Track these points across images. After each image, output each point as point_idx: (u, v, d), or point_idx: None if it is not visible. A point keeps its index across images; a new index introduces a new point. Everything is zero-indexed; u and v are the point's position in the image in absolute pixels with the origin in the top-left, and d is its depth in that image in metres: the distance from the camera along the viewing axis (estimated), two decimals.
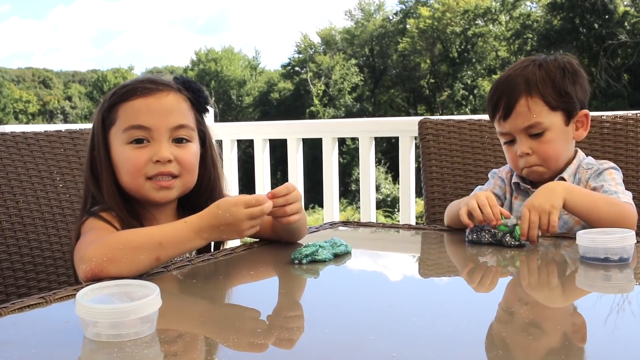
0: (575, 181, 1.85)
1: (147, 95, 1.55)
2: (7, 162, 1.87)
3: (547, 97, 1.79)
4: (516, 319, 1.11)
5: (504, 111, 1.82)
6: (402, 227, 1.98)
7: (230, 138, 4.03)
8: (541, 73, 1.80)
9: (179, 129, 1.56)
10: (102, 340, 0.98)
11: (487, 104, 1.91)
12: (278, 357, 0.94)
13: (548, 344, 0.98)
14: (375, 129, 3.73)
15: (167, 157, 1.53)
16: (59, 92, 52.09)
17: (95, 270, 1.32)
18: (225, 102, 40.88)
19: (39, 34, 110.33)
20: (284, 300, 1.28)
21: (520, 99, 1.80)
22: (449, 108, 34.38)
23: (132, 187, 1.56)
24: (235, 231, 1.39)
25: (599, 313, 1.15)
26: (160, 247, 1.36)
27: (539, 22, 33.00)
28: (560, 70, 1.82)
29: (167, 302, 1.06)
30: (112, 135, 1.57)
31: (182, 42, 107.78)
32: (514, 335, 1.02)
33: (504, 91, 1.83)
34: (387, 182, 27.13)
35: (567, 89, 1.81)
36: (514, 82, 1.82)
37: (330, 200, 3.77)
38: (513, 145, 1.86)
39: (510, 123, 1.82)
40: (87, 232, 1.49)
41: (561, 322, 1.10)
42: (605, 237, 1.39)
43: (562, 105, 1.81)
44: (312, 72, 38.32)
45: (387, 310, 1.16)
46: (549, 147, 1.81)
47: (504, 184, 1.97)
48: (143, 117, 1.53)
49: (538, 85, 1.79)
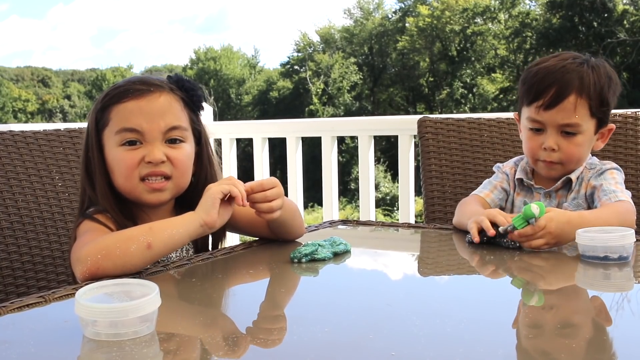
0: (579, 181, 1.84)
1: (139, 97, 1.55)
2: (6, 161, 1.87)
3: (592, 103, 1.77)
4: (519, 316, 1.11)
5: (550, 100, 1.77)
6: (401, 226, 1.98)
7: (230, 137, 4.03)
8: (594, 77, 1.77)
9: (172, 130, 1.56)
10: (101, 339, 0.98)
11: (527, 86, 1.82)
12: (277, 356, 0.94)
13: (545, 343, 0.98)
14: (375, 128, 3.73)
15: (159, 159, 1.53)
16: (58, 91, 52.06)
17: (91, 268, 1.33)
18: (224, 101, 40.88)
19: (38, 33, 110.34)
20: (283, 299, 1.28)
21: (571, 96, 1.76)
22: (448, 106, 34.38)
23: (126, 189, 1.56)
24: (206, 191, 1.43)
25: (599, 311, 1.15)
26: (150, 231, 1.38)
27: (538, 20, 32.98)
28: (607, 78, 1.80)
29: (166, 301, 1.06)
30: (106, 136, 1.57)
31: (181, 40, 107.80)
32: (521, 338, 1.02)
33: (557, 81, 1.77)
34: (387, 180, 27.12)
35: (609, 99, 1.80)
36: (569, 77, 1.77)
37: (329, 198, 3.77)
38: (539, 135, 1.82)
39: (550, 114, 1.78)
40: (83, 234, 1.50)
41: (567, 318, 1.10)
42: (604, 236, 1.39)
43: (600, 115, 1.80)
44: (311, 70, 38.30)
45: (387, 309, 1.15)
46: (575, 149, 1.80)
47: (508, 179, 1.96)
48: (135, 120, 1.53)
49: (590, 88, 1.76)
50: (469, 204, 1.87)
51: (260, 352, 0.95)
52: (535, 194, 1.90)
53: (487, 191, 1.93)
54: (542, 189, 1.88)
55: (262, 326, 1.10)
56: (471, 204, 1.86)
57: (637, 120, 2.11)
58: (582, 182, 1.84)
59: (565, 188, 1.86)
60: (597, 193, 1.77)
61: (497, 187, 1.95)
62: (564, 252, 1.54)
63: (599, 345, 0.99)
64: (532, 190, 1.90)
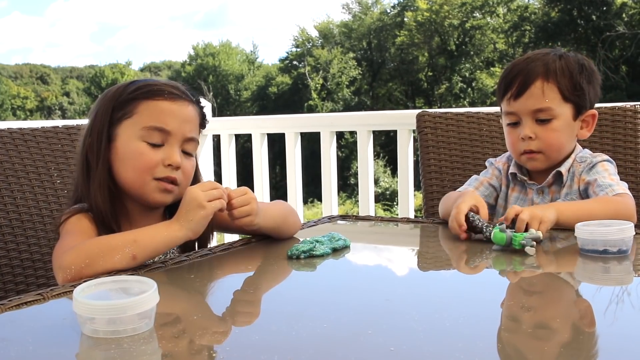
0: (570, 175, 1.84)
1: (173, 100, 1.57)
2: (4, 158, 1.86)
3: (562, 86, 1.79)
4: (516, 313, 1.11)
5: (517, 89, 1.81)
6: (400, 221, 1.98)
7: (228, 132, 4.02)
8: (561, 63, 1.81)
9: (190, 141, 1.59)
10: (99, 336, 0.98)
11: (499, 82, 1.89)
12: (277, 352, 0.94)
13: (554, 339, 0.98)
14: (374, 123, 3.73)
15: (179, 163, 1.55)
16: (57, 88, 51.99)
17: (75, 277, 1.34)
18: (223, 97, 40.83)
19: (37, 30, 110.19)
20: (282, 295, 1.28)
21: (537, 81, 1.79)
22: (447, 101, 34.36)
23: (134, 183, 1.55)
24: (197, 205, 1.42)
25: (598, 305, 1.14)
26: (134, 244, 1.38)
27: (536, 14, 32.94)
28: (578, 65, 1.83)
29: (164, 298, 1.06)
30: (125, 127, 1.56)
31: (180, 37, 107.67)
32: (519, 333, 1.02)
33: (521, 71, 1.82)
34: (386, 175, 27.12)
35: (582, 84, 1.81)
36: (533, 65, 1.82)
37: (328, 194, 3.77)
38: (516, 128, 1.85)
39: (520, 103, 1.81)
40: (65, 235, 1.51)
41: (565, 313, 1.10)
42: (604, 229, 1.39)
43: (574, 99, 1.81)
44: (310, 66, 38.26)
45: (386, 304, 1.15)
46: (553, 135, 1.81)
47: (500, 175, 1.96)
48: (167, 120, 1.55)
49: (556, 72, 1.80)
50: (448, 196, 1.88)
51: (259, 348, 0.95)
52: (529, 190, 1.89)
53: (471, 188, 1.94)
54: (535, 185, 1.88)
55: (261, 324, 1.09)
56: (453, 194, 1.89)
57: (636, 114, 2.10)
58: (573, 176, 1.84)
59: (557, 183, 1.86)
60: (592, 188, 1.77)
61: (484, 184, 1.95)
62: (563, 246, 1.54)
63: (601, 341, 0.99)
64: (525, 185, 1.90)
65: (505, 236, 1.46)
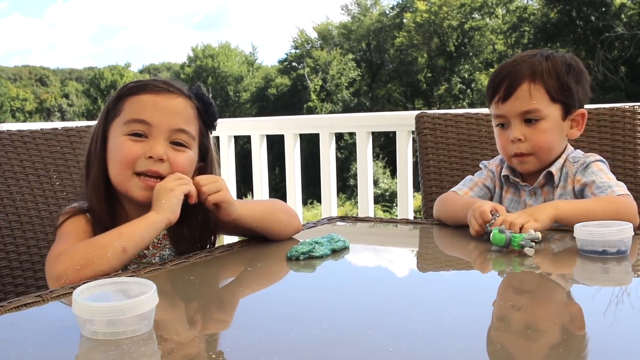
0: (563, 175, 1.84)
1: (156, 93, 1.56)
2: (4, 160, 1.86)
3: (549, 87, 1.80)
4: (513, 312, 1.11)
5: (504, 92, 1.82)
6: (400, 222, 1.98)
7: (228, 134, 4.02)
8: (547, 64, 1.82)
9: (179, 132, 1.55)
10: (99, 338, 0.98)
11: (488, 86, 1.91)
12: (276, 353, 0.94)
13: (547, 338, 0.98)
14: (373, 124, 3.73)
15: (160, 155, 1.52)
16: (56, 89, 51.97)
17: (74, 280, 1.34)
18: (222, 99, 40.80)
19: (36, 31, 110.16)
20: (281, 296, 1.28)
21: (523, 83, 1.80)
22: (447, 102, 34.35)
23: (118, 179, 1.55)
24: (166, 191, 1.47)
25: (598, 306, 1.15)
26: (121, 236, 1.41)
27: (535, 15, 32.94)
28: (566, 65, 1.83)
29: (163, 299, 1.06)
30: (114, 126, 1.57)
31: (180, 38, 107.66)
32: (512, 332, 1.02)
33: (508, 74, 1.83)
34: (385, 176, 27.11)
35: (569, 84, 1.82)
36: (519, 67, 1.83)
37: (328, 195, 3.77)
38: (506, 130, 1.86)
39: (508, 105, 1.82)
40: (58, 239, 1.52)
41: (558, 314, 1.10)
42: (603, 230, 1.39)
43: (562, 99, 1.81)
44: (309, 67, 38.25)
45: (385, 305, 1.15)
46: (542, 136, 1.81)
47: (494, 177, 1.96)
48: (147, 112, 1.53)
49: (543, 74, 1.80)
50: (453, 199, 1.87)
51: (258, 349, 0.95)
52: (522, 192, 1.89)
53: (466, 189, 1.93)
54: (527, 187, 1.88)
55: (260, 325, 1.09)
56: (460, 198, 1.88)
57: (635, 114, 2.10)
58: (567, 177, 1.84)
59: (549, 184, 1.86)
60: (589, 190, 1.76)
61: (478, 184, 1.95)
62: (562, 247, 1.54)
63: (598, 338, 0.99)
64: (518, 187, 1.90)
65: (504, 237, 1.46)
